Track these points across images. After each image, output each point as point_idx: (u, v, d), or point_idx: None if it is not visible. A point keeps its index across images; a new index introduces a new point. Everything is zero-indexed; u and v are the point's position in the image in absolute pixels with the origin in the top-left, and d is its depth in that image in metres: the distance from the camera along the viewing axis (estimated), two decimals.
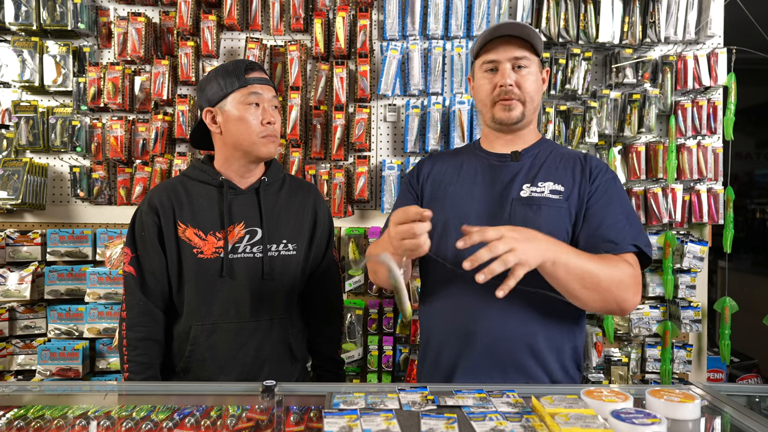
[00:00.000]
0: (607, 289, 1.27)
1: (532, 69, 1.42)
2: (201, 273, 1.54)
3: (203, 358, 1.55)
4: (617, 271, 1.28)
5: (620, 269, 1.29)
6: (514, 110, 1.42)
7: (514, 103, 1.42)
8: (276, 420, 1.13)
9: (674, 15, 2.48)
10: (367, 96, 2.52)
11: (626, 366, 2.52)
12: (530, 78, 1.42)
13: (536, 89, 1.44)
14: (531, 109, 1.44)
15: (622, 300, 1.30)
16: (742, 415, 1.09)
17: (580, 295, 1.27)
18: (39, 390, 1.35)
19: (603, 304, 1.30)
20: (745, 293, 3.38)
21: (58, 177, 2.64)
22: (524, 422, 1.01)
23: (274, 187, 1.66)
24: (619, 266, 1.30)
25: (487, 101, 1.45)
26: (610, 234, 1.34)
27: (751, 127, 6.31)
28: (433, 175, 1.54)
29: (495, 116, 1.45)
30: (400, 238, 1.20)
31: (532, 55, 1.42)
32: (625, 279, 1.29)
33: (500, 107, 1.43)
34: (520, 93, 1.41)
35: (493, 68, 1.43)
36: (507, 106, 1.42)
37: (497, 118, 1.44)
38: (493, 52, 1.42)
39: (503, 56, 1.41)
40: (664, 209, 2.50)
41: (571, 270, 1.23)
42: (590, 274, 1.25)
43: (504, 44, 1.41)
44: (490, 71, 1.44)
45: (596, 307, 1.32)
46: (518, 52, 1.40)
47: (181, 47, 2.53)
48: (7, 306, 2.52)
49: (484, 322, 1.36)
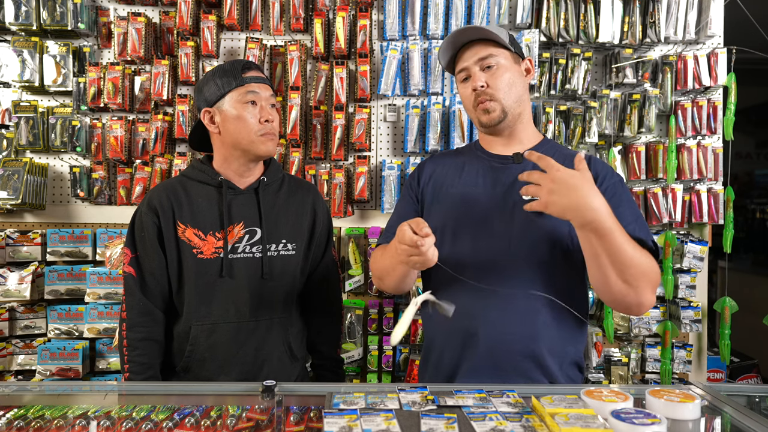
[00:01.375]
0: (634, 276, 1.21)
1: (502, 63, 1.42)
2: (201, 273, 1.54)
3: (203, 357, 1.55)
4: (648, 262, 1.24)
5: (649, 261, 1.25)
6: (492, 111, 1.42)
7: (489, 105, 1.42)
8: (276, 420, 1.13)
9: (674, 15, 2.48)
10: (367, 96, 2.52)
11: (626, 366, 2.52)
12: (499, 73, 1.41)
13: (510, 83, 1.42)
14: (510, 104, 1.43)
15: (642, 293, 1.24)
16: (742, 415, 1.09)
17: (607, 274, 1.22)
18: (39, 390, 1.35)
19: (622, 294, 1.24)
20: (745, 293, 3.38)
21: (58, 177, 2.64)
22: (524, 422, 1.01)
23: (273, 187, 1.66)
24: (649, 259, 1.25)
25: (470, 107, 1.47)
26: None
27: (751, 127, 6.31)
28: (435, 177, 1.53)
29: (479, 120, 1.46)
30: (407, 255, 1.21)
31: (498, 49, 1.42)
32: (650, 272, 1.24)
33: (480, 111, 1.44)
34: (493, 91, 1.41)
35: (466, 76, 1.46)
36: (485, 109, 1.43)
37: (481, 121, 1.46)
38: (461, 60, 1.46)
39: (469, 61, 1.43)
40: (664, 209, 2.50)
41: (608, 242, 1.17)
42: (624, 256, 1.19)
43: (468, 50, 1.44)
44: (465, 80, 1.46)
45: (615, 294, 1.25)
46: (482, 52, 1.42)
47: (181, 47, 2.53)
48: (7, 306, 2.52)
49: (485, 325, 1.36)
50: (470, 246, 1.40)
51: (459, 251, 1.41)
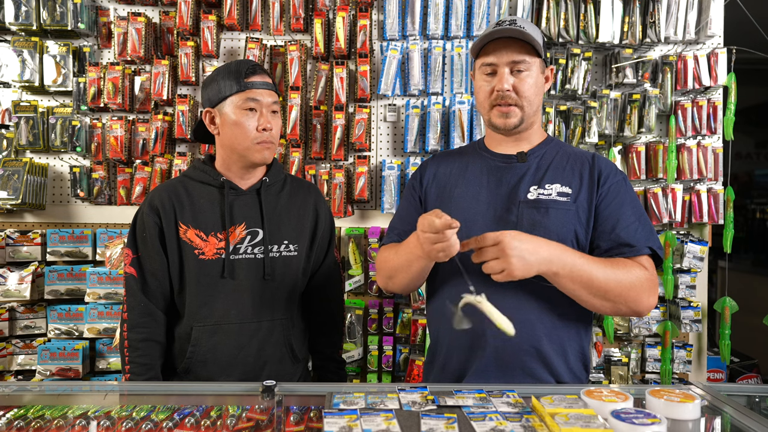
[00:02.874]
0: (618, 295, 1.28)
1: (532, 72, 1.39)
2: (202, 274, 1.54)
3: (205, 359, 1.55)
4: (629, 276, 1.29)
5: (633, 273, 1.30)
6: (512, 117, 1.40)
7: (511, 110, 1.39)
8: (276, 420, 1.14)
9: (674, 15, 2.48)
10: (367, 96, 2.52)
11: (626, 366, 2.52)
12: (529, 81, 1.39)
13: (535, 92, 1.41)
14: (530, 112, 1.42)
15: (634, 304, 1.31)
16: (742, 415, 1.09)
17: (589, 301, 1.30)
18: (39, 390, 1.35)
19: (614, 309, 1.32)
20: (745, 293, 3.38)
21: (58, 177, 2.64)
22: (524, 422, 1.01)
23: (275, 188, 1.66)
24: (632, 271, 1.30)
25: (486, 104, 1.43)
26: (624, 237, 1.34)
27: (751, 127, 6.31)
28: (438, 177, 1.52)
29: (492, 121, 1.43)
30: (432, 243, 1.23)
31: (532, 57, 1.39)
32: (638, 283, 1.29)
33: (497, 113, 1.40)
34: (518, 98, 1.38)
35: (491, 71, 1.40)
36: (504, 113, 1.39)
37: (494, 123, 1.43)
38: (492, 54, 1.39)
39: (502, 60, 1.38)
40: (664, 209, 2.50)
41: (576, 279, 1.26)
42: (598, 282, 1.26)
43: (503, 47, 1.38)
44: (489, 74, 1.41)
45: (607, 312, 1.34)
46: (517, 56, 1.37)
47: (181, 47, 2.53)
48: (7, 306, 2.52)
49: (491, 325, 1.35)
50: None
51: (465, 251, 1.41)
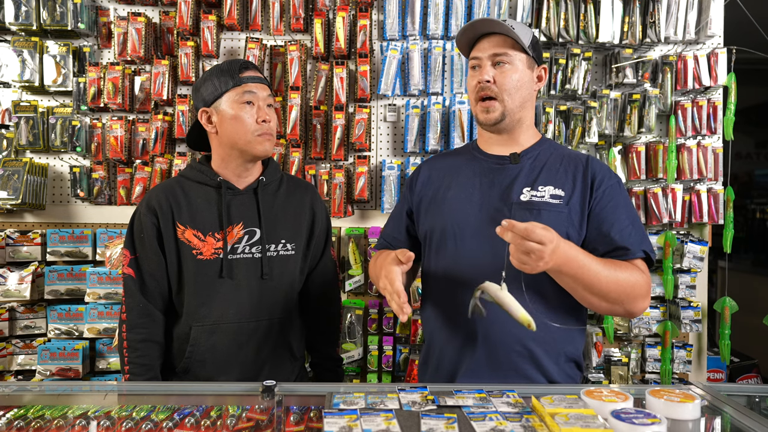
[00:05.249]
0: (617, 296, 1.30)
1: (515, 66, 1.41)
2: (200, 274, 1.54)
3: (203, 358, 1.55)
4: (630, 278, 1.30)
5: (633, 276, 1.31)
6: (492, 112, 1.42)
7: (491, 104, 1.42)
8: (276, 420, 1.14)
9: (674, 15, 2.48)
10: (367, 96, 2.52)
11: (626, 366, 2.52)
12: (511, 75, 1.41)
13: (517, 86, 1.41)
14: (512, 107, 1.42)
15: (631, 306, 1.33)
16: (742, 415, 1.09)
17: (586, 298, 1.31)
18: (39, 390, 1.35)
19: (609, 310, 1.34)
20: (745, 293, 3.38)
21: (58, 177, 2.64)
22: (524, 422, 1.01)
23: (272, 187, 1.66)
24: (632, 274, 1.31)
25: (473, 97, 1.46)
26: (620, 240, 1.35)
27: (751, 127, 6.31)
28: (432, 179, 1.54)
29: (477, 117, 1.46)
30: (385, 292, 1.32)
31: (515, 51, 1.41)
32: (637, 287, 1.31)
33: (480, 108, 1.44)
34: (498, 90, 1.40)
35: (476, 65, 1.45)
36: (485, 108, 1.42)
37: (479, 119, 1.46)
38: (476, 49, 1.45)
39: (484, 53, 1.42)
40: (664, 209, 2.50)
41: (579, 278, 1.26)
42: (599, 283, 1.27)
43: (486, 40, 1.43)
44: (474, 68, 1.46)
45: (602, 310, 1.36)
46: (498, 49, 1.41)
47: (181, 47, 2.53)
48: (7, 306, 2.52)
49: (483, 325, 1.36)
50: (468, 247, 1.41)
51: (458, 253, 1.41)
